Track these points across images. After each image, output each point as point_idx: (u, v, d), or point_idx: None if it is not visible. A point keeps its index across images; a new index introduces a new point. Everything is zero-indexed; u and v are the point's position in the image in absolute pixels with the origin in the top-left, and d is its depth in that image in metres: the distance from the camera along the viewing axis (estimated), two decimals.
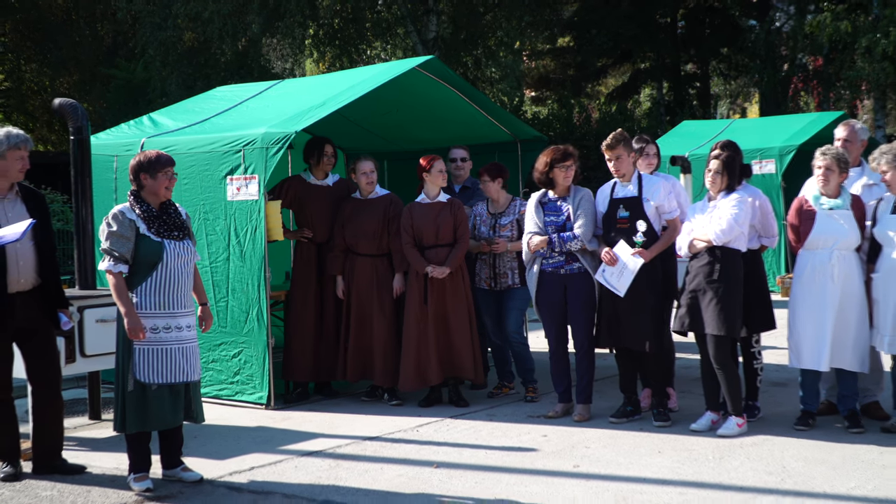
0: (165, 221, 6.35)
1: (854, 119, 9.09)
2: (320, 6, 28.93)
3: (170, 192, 6.46)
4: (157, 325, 6.26)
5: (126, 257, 6.23)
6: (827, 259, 7.48)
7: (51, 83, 31.00)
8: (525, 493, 6.22)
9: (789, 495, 6.04)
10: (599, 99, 37.71)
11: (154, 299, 6.26)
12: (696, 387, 8.15)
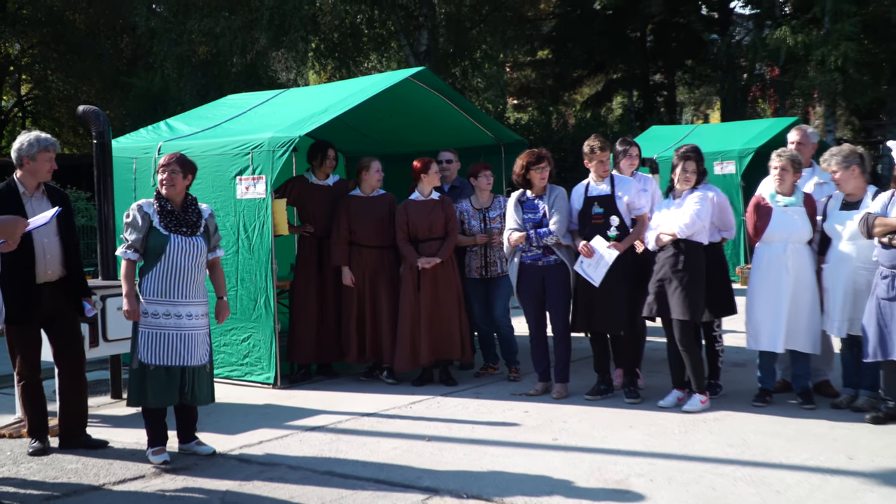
0: (178, 217, 6.34)
1: (806, 124, 9.08)
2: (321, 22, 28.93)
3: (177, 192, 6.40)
4: (157, 311, 6.27)
5: (136, 246, 6.27)
6: (782, 251, 7.49)
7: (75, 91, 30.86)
8: (509, 464, 6.23)
9: (748, 465, 6.06)
10: (575, 106, 37.75)
11: (157, 287, 6.27)
12: (663, 367, 8.15)
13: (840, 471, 5.91)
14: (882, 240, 6.83)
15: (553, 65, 36.69)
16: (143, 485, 5.98)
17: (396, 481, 5.90)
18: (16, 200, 6.37)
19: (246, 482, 5.97)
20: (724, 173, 16.26)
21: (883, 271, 6.86)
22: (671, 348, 7.72)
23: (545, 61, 37.20)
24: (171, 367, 6.28)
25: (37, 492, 5.85)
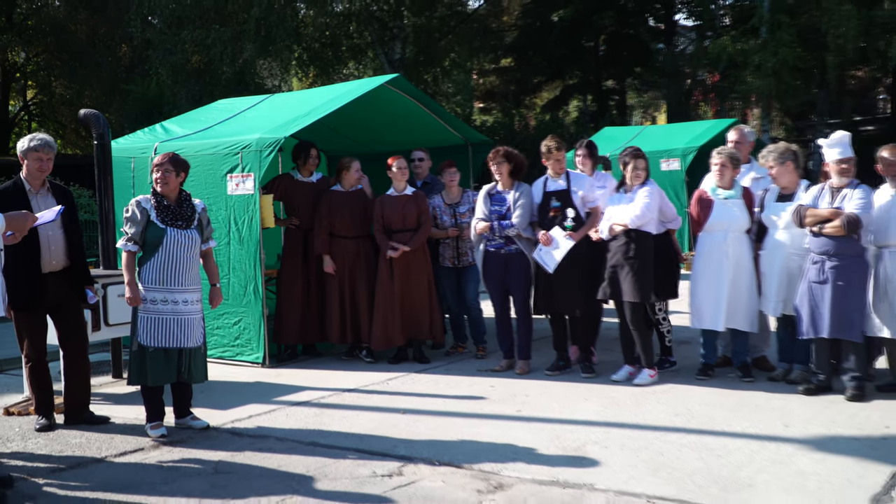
0: (173, 212, 6.33)
1: (744, 125, 9.12)
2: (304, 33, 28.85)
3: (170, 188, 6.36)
4: (155, 297, 6.25)
5: (135, 238, 6.25)
6: (722, 240, 7.54)
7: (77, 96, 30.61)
8: (476, 434, 6.24)
9: (693, 433, 6.09)
10: (535, 109, 37.84)
11: (155, 276, 6.25)
12: (615, 345, 8.17)
13: (776, 437, 5.96)
14: (812, 229, 6.89)
15: (515, 72, 36.74)
16: (142, 457, 5.95)
17: (375, 450, 5.90)
18: (22, 197, 6.34)
19: (237, 453, 5.96)
20: (670, 170, 16.35)
21: (813, 257, 6.91)
22: (623, 328, 7.76)
23: (508, 69, 37.23)
24: (169, 349, 6.28)
25: (44, 465, 5.82)
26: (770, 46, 24.67)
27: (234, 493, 5.15)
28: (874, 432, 6.03)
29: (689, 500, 4.83)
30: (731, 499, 4.83)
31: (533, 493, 5.02)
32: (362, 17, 28.71)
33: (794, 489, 4.96)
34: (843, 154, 6.94)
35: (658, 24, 33.98)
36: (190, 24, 26.13)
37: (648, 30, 33.63)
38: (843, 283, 6.73)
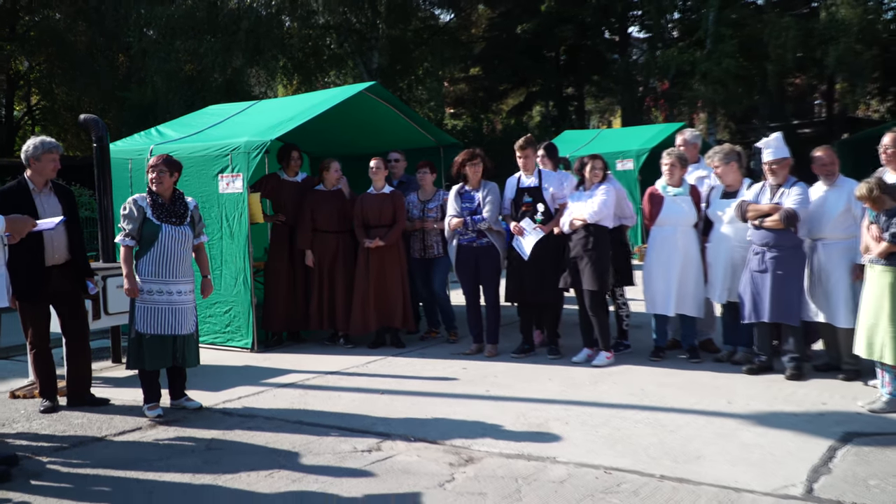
0: (168, 210, 6.31)
1: (691, 128, 9.17)
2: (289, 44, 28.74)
3: (164, 187, 6.34)
4: (152, 289, 6.22)
5: (133, 234, 6.21)
6: (672, 233, 7.58)
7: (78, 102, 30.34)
8: (449, 412, 6.24)
9: (646, 410, 6.12)
10: (502, 114, 37.88)
11: (151, 269, 6.22)
12: (575, 330, 8.20)
13: (721, 413, 6.00)
14: (754, 223, 6.94)
15: (483, 80, 36.75)
16: (140, 435, 5.91)
17: (355, 428, 5.89)
18: (27, 196, 6.30)
19: (228, 431, 5.93)
20: (624, 169, 16.42)
21: (755, 248, 6.96)
22: (582, 314, 7.79)
23: (477, 77, 37.22)
24: (165, 336, 6.25)
25: (47, 444, 5.77)
26: (714, 57, 24.86)
27: (226, 468, 5.13)
28: (812, 408, 6.08)
29: (644, 471, 4.85)
30: (682, 469, 4.86)
31: (500, 466, 5.03)
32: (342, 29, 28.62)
33: (739, 461, 4.99)
34: (778, 156, 7.00)
35: (613, 36, 34.07)
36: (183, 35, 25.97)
37: (604, 42, 33.72)
38: (782, 272, 6.78)
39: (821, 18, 25.03)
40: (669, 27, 29.61)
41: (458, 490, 4.65)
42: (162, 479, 4.98)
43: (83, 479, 5.04)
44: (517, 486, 4.69)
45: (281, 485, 4.82)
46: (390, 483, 4.79)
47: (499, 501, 4.45)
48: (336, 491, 4.69)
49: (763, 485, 4.59)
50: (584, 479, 4.76)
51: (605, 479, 4.75)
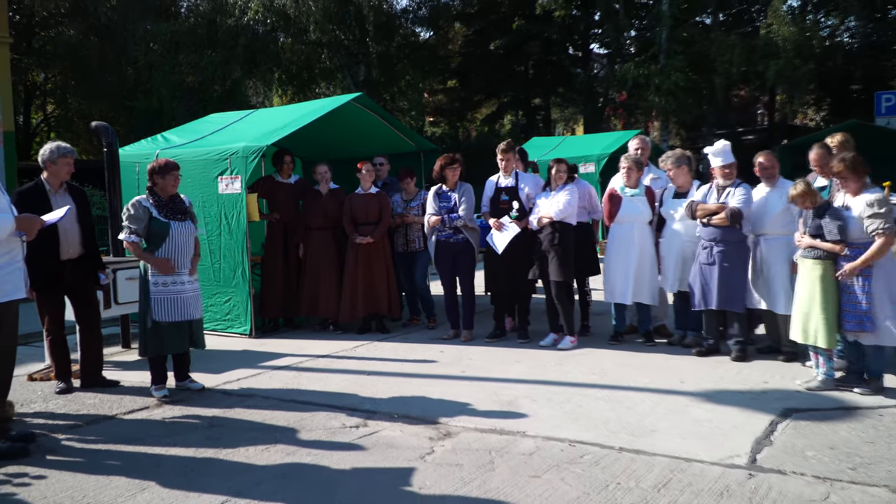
0: (172, 208, 6.28)
1: (646, 135, 9.21)
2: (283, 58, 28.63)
3: (175, 188, 6.34)
4: (165, 280, 6.19)
5: (139, 232, 6.16)
6: (629, 230, 7.61)
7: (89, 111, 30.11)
8: (429, 391, 6.24)
9: (606, 388, 6.14)
10: (476, 122, 37.91)
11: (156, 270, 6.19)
12: (542, 317, 8.21)
13: (674, 391, 6.03)
14: (703, 220, 6.97)
15: (459, 91, 36.76)
16: (148, 414, 5.87)
17: (344, 406, 5.87)
18: (43, 196, 6.27)
19: (229, 409, 5.90)
20: (587, 172, 16.41)
21: (703, 243, 7.00)
22: (549, 302, 7.80)
23: (453, 89, 37.22)
24: (181, 322, 6.26)
25: (62, 422, 5.72)
26: (667, 71, 24.95)
27: (227, 443, 5.10)
28: (755, 387, 6.12)
29: (604, 444, 4.86)
30: (638, 442, 4.88)
31: (475, 440, 5.03)
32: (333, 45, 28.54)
33: (690, 434, 5.02)
34: (725, 161, 7.06)
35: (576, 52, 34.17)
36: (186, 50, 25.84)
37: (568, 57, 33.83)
38: (728, 264, 6.82)
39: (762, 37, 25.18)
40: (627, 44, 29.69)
41: (437, 462, 4.65)
42: (168, 453, 4.95)
43: (95, 454, 5.00)
44: (490, 457, 4.69)
45: (277, 458, 4.80)
46: (376, 456, 4.78)
47: (474, 472, 4.45)
48: (327, 463, 4.68)
49: (711, 455, 4.61)
50: (550, 451, 4.77)
51: (570, 451, 4.77)
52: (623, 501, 3.99)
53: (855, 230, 5.75)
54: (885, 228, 5.61)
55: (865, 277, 5.73)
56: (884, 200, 5.68)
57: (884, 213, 5.63)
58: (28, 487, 4.44)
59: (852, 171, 5.81)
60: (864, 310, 5.72)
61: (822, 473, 4.30)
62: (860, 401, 5.67)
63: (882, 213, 5.64)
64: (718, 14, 28.63)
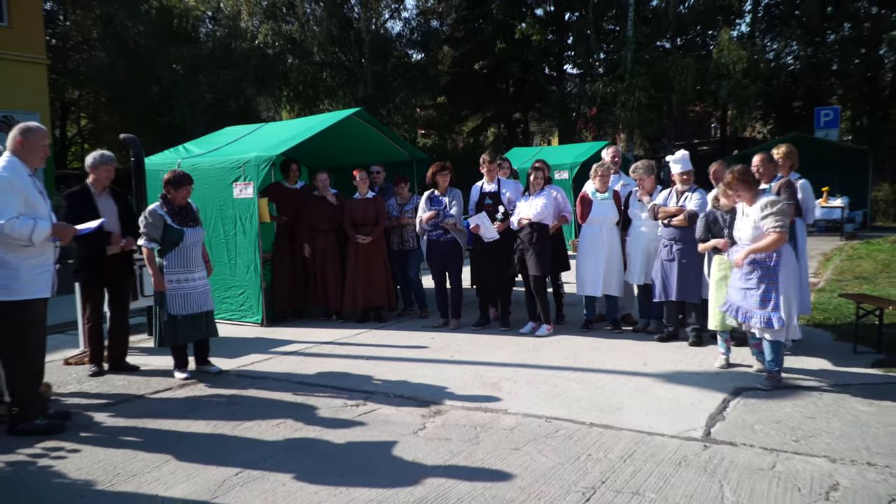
0: (184, 216, 6.26)
1: (614, 146, 9.20)
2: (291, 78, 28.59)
3: (186, 200, 6.32)
4: (179, 278, 6.18)
5: (156, 238, 6.13)
6: (599, 230, 7.62)
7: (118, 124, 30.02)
8: (421, 374, 6.23)
9: (579, 371, 6.14)
10: (463, 134, 37.88)
11: (178, 262, 6.18)
12: (522, 307, 8.21)
13: (638, 373, 6.03)
14: (664, 221, 6.98)
15: (448, 107, 36.71)
16: (171, 394, 5.84)
17: (346, 387, 5.85)
18: (88, 197, 6.33)
19: (243, 390, 5.88)
20: (561, 178, 16.41)
21: (664, 241, 7.01)
22: (528, 294, 7.79)
23: (442, 104, 37.16)
24: (195, 314, 6.24)
25: (95, 402, 5.68)
26: (631, 89, 25.01)
27: (243, 417, 5.09)
28: (710, 369, 6.14)
29: (576, 420, 4.87)
30: (607, 418, 4.89)
31: (462, 416, 5.02)
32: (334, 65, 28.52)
33: (652, 410, 5.03)
34: (683, 168, 7.06)
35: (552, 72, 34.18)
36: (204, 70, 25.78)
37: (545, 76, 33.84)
38: (686, 260, 6.82)
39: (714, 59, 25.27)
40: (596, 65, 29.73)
41: (428, 436, 4.64)
42: (189, 429, 4.93)
43: (124, 430, 4.97)
44: (476, 432, 4.69)
45: (286, 433, 4.79)
46: (374, 431, 4.77)
47: (461, 445, 4.45)
48: (330, 438, 4.67)
49: (671, 429, 4.63)
50: (529, 427, 4.77)
51: (546, 427, 4.77)
52: (593, 471, 4.00)
53: (757, 236, 5.47)
54: (778, 226, 5.33)
55: (771, 277, 5.44)
56: (776, 201, 5.44)
57: (776, 211, 5.36)
58: (64, 460, 4.42)
59: (742, 181, 5.53)
60: (769, 307, 5.42)
61: (769, 445, 4.32)
62: (803, 381, 5.69)
63: (775, 211, 5.36)
64: (676, 39, 28.71)
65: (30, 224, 4.69)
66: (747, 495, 3.65)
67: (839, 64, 29.40)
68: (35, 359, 4.99)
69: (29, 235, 4.69)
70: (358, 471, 4.09)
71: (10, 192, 4.68)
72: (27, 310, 4.84)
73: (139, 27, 27.86)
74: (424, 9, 34.84)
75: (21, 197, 4.73)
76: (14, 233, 4.65)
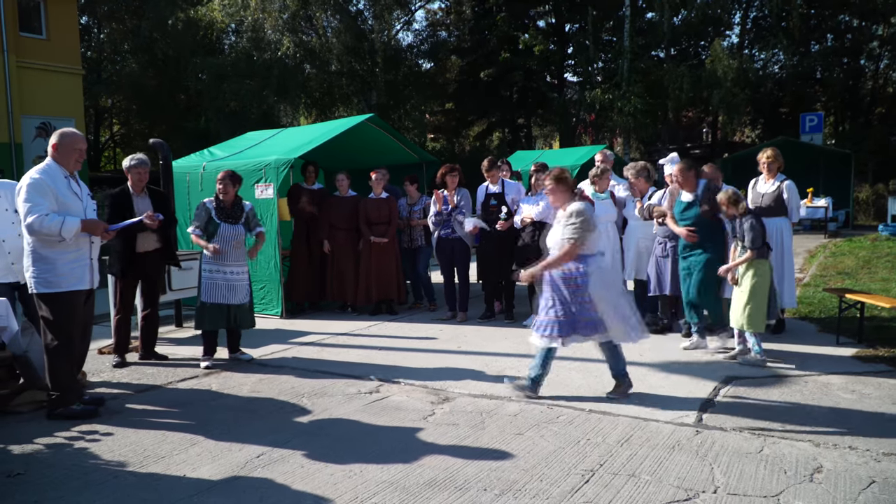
0: (226, 212, 6.30)
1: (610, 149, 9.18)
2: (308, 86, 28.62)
3: (228, 195, 6.34)
4: (212, 268, 6.22)
5: (201, 226, 6.23)
6: (602, 228, 7.54)
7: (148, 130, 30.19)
8: (430, 363, 6.23)
9: (577, 360, 6.10)
10: (469, 138, 37.80)
11: (211, 255, 6.20)
12: (525, 301, 8.19)
13: (634, 362, 5.98)
14: (658, 220, 6.94)
15: (455, 112, 36.57)
16: (197, 382, 5.85)
17: (360, 375, 5.85)
18: (127, 197, 6.35)
19: (265, 377, 5.89)
20: None
21: (659, 239, 6.97)
22: (530, 289, 7.75)
23: (450, 110, 37.06)
24: (221, 304, 6.24)
25: (126, 389, 5.71)
26: (628, 96, 24.90)
27: (263, 406, 5.09)
28: (702, 359, 6.12)
29: (576, 406, 4.86)
30: (605, 405, 4.88)
31: (469, 403, 5.02)
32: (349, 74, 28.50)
33: (648, 397, 5.02)
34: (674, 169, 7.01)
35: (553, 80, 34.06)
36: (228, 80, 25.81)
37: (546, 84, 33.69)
38: None
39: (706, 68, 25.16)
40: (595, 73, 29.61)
41: (437, 422, 4.64)
42: (214, 414, 4.94)
43: (153, 415, 4.99)
44: (482, 418, 4.68)
45: (305, 418, 4.79)
46: (387, 417, 4.77)
47: (468, 430, 4.44)
48: (345, 423, 4.67)
49: (665, 416, 4.61)
50: (532, 413, 4.76)
51: (548, 412, 4.76)
52: (592, 454, 3.99)
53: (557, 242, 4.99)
54: (571, 238, 4.84)
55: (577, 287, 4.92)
56: (581, 213, 4.89)
57: (576, 223, 4.84)
58: (98, 443, 4.44)
59: (556, 183, 5.06)
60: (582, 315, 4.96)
61: (757, 430, 4.29)
62: (789, 370, 5.66)
63: (575, 223, 4.85)
64: (670, 49, 28.57)
65: (58, 221, 4.72)
66: (736, 477, 3.63)
67: (823, 73, 29.28)
68: (74, 348, 5.02)
69: (58, 231, 4.72)
70: (371, 453, 4.09)
71: (40, 192, 4.74)
72: (65, 301, 4.86)
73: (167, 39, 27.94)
74: (433, 21, 34.81)
75: (51, 197, 4.77)
76: (44, 229, 4.69)
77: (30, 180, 4.77)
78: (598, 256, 5.00)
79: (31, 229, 4.71)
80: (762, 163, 6.90)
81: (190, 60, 26.63)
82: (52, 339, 4.86)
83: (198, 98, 27.33)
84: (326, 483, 3.71)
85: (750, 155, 7.07)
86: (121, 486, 3.74)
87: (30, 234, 4.78)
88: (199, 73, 27.09)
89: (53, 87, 20.63)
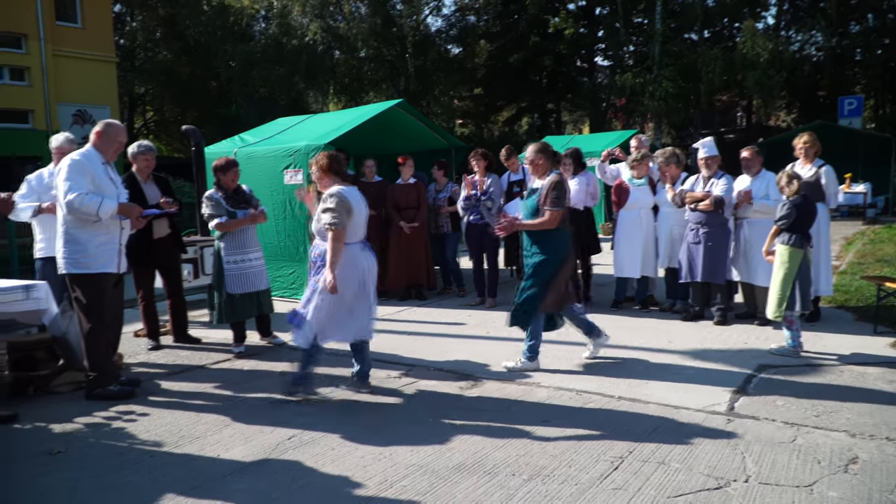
0: (236, 199, 6.28)
1: (642, 134, 9.08)
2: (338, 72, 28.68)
3: (235, 182, 6.32)
4: (237, 258, 6.19)
5: (222, 214, 6.16)
6: (637, 214, 7.53)
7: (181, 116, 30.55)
8: (458, 349, 6.24)
9: (607, 347, 6.06)
10: (498, 124, 37.65)
11: (234, 243, 6.20)
12: None
13: (664, 350, 5.96)
14: (690, 206, 6.86)
15: (484, 98, 36.47)
16: (229, 365, 5.94)
17: (389, 360, 5.89)
18: (135, 183, 6.37)
19: (295, 362, 5.93)
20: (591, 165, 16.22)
21: (691, 225, 6.90)
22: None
23: (479, 95, 36.95)
24: (251, 293, 6.25)
25: (161, 371, 5.81)
26: (659, 80, 24.60)
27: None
28: (734, 347, 6.05)
29: (605, 393, 4.84)
30: (634, 392, 4.85)
31: (498, 388, 5.03)
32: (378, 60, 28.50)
33: (678, 386, 4.98)
34: (707, 154, 6.91)
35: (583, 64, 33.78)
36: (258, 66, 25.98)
37: (576, 68, 33.47)
38: (712, 243, 6.72)
39: (740, 50, 24.72)
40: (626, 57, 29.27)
41: (465, 406, 4.65)
42: (246, 396, 5.02)
43: (188, 396, 5.07)
44: (509, 404, 4.69)
45: (335, 401, 4.84)
46: (416, 401, 4.80)
47: (497, 415, 4.45)
48: (375, 407, 4.71)
49: (696, 403, 4.57)
50: (561, 399, 4.75)
51: (577, 399, 4.75)
52: (621, 441, 3.97)
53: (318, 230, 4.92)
54: (331, 224, 4.69)
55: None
56: (336, 195, 4.72)
57: (333, 207, 4.68)
58: (134, 423, 4.53)
59: (325, 172, 4.89)
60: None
61: (790, 419, 4.25)
62: (824, 360, 5.58)
63: (332, 207, 4.68)
64: (703, 31, 28.11)
65: (97, 200, 4.83)
66: (769, 466, 3.59)
67: (862, 54, 28.56)
68: (108, 329, 5.13)
69: (96, 210, 4.83)
70: (400, 437, 4.12)
71: (81, 172, 4.87)
72: (96, 283, 4.97)
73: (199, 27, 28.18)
74: (462, 5, 34.63)
75: (90, 178, 4.89)
76: (84, 206, 4.80)
77: (70, 161, 4.91)
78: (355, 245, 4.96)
79: (70, 207, 4.83)
80: (798, 148, 6.80)
81: (220, 48, 26.86)
82: (86, 321, 4.98)
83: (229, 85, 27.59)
84: (356, 465, 3.75)
85: (786, 140, 6.95)
86: (157, 465, 3.82)
87: (68, 212, 4.89)
88: (229, 61, 27.33)
89: (88, 74, 20.95)
